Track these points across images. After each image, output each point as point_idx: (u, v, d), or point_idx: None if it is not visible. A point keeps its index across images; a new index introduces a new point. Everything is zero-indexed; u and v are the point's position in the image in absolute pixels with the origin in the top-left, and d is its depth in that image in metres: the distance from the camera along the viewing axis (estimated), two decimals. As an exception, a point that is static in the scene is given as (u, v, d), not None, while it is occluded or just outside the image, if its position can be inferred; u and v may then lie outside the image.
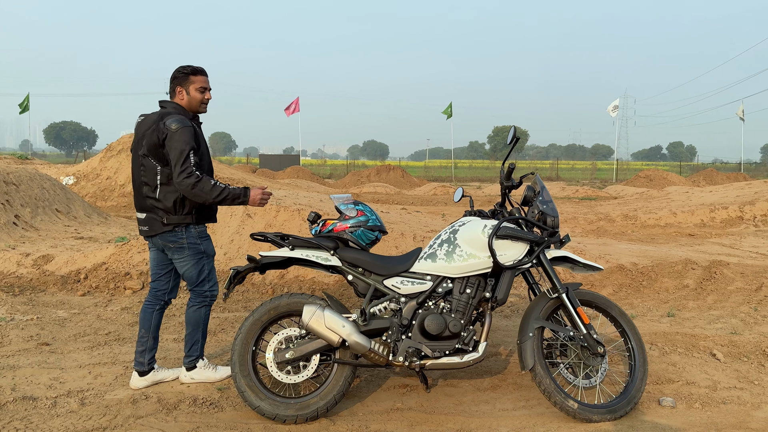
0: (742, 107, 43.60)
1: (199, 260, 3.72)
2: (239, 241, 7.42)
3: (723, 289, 6.69)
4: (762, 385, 3.82)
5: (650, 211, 16.01)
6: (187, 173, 3.41)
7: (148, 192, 3.60)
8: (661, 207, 16.93)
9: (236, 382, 3.34)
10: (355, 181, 32.56)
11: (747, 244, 11.44)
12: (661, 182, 31.43)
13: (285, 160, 46.52)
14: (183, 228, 3.63)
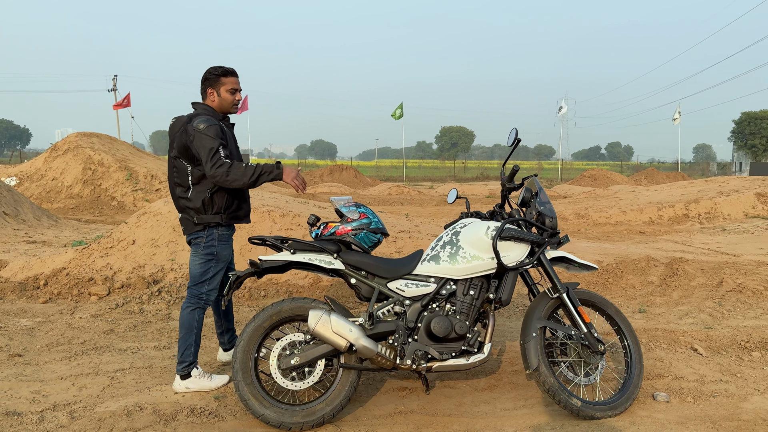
0: (678, 109, 45.48)
1: (207, 261, 3.68)
2: (207, 244, 7.23)
3: (686, 285, 6.95)
4: (744, 377, 3.98)
5: (601, 210, 16.50)
6: (219, 164, 3.43)
7: (181, 193, 3.68)
8: (611, 206, 17.47)
9: (239, 391, 3.25)
10: (308, 181, 32.30)
11: (697, 240, 11.93)
12: (605, 181, 32.49)
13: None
14: (209, 229, 3.67)
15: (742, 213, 15.51)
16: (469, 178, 42.30)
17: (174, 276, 6.75)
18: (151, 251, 7.20)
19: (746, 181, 18.35)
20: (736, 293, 6.47)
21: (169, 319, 5.42)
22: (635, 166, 57.68)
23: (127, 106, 39.79)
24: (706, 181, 20.44)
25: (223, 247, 3.72)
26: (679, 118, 44.13)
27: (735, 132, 63.16)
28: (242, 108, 41.30)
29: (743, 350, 4.46)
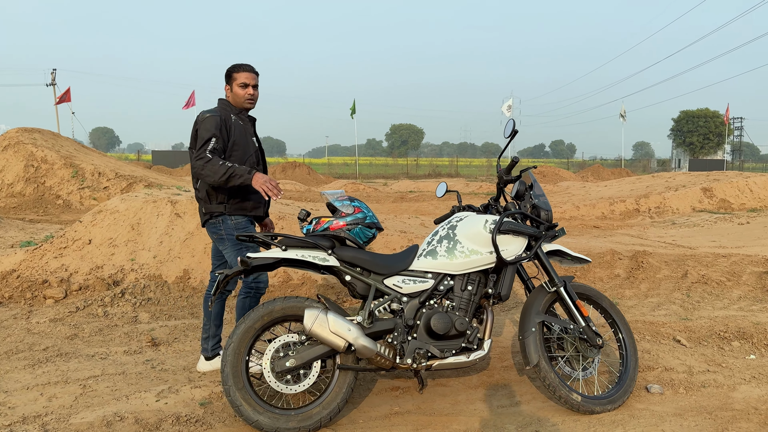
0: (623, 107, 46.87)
1: (238, 250, 3.63)
2: (169, 243, 6.94)
3: (653, 277, 7.07)
4: (729, 367, 4.04)
5: (555, 206, 16.75)
6: (199, 156, 3.48)
7: (194, 184, 3.81)
8: (564, 201, 17.80)
9: (230, 396, 3.05)
10: (259, 178, 31.79)
11: (652, 234, 12.24)
12: (554, 178, 33.18)
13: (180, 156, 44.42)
14: (220, 219, 3.69)
15: (689, 207, 16.05)
16: (422, 175, 42.47)
17: (135, 276, 6.44)
18: (109, 251, 6.85)
19: (692, 177, 19.02)
20: (701, 284, 6.61)
21: (136, 322, 5.13)
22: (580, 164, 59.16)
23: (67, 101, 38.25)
24: (653, 177, 21.10)
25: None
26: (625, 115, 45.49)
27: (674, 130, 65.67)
28: (189, 104, 40.29)
29: (723, 340, 4.53)
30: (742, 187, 16.73)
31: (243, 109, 3.80)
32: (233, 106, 3.78)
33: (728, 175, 18.66)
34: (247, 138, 3.78)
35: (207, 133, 3.52)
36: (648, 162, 63.35)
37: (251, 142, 3.81)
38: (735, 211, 15.44)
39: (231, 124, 3.67)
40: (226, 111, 3.72)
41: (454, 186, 27.57)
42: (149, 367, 4.06)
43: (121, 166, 18.63)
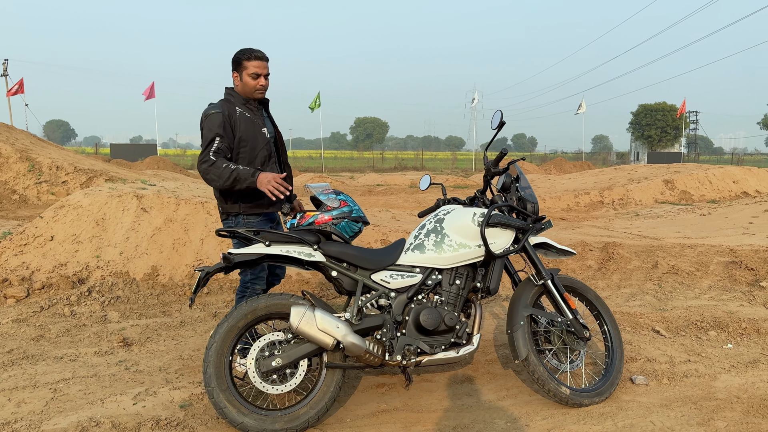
0: (582, 101, 47.61)
1: None
2: (135, 239, 6.72)
3: (624, 268, 7.17)
4: (708, 356, 4.09)
5: (522, 198, 16.91)
6: (203, 159, 3.35)
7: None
8: (531, 194, 17.99)
9: (213, 398, 2.94)
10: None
11: (618, 225, 12.44)
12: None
13: (140, 150, 43.40)
14: (233, 218, 3.57)
15: (652, 199, 16.38)
16: (388, 168, 42.42)
17: (101, 274, 6.22)
18: (73, 248, 6.60)
19: (653, 169, 19.43)
20: (672, 275, 6.72)
21: (105, 322, 4.94)
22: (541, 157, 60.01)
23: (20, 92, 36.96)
24: (616, 169, 21.48)
25: None
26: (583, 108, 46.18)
27: (633, 123, 67.11)
28: (149, 95, 39.39)
29: (700, 330, 4.59)
30: (702, 179, 17.16)
31: (252, 99, 3.60)
32: (239, 96, 3.58)
33: (688, 167, 19.12)
34: (256, 130, 3.56)
35: (210, 133, 3.38)
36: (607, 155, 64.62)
37: (261, 135, 3.58)
38: (696, 203, 15.82)
39: (236, 119, 3.47)
40: (230, 103, 3.52)
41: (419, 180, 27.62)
42: (123, 368, 3.90)
43: (79, 160, 18.06)
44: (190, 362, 4.02)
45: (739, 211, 12.87)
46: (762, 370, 3.86)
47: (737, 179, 17.62)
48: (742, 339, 4.44)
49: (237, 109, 3.51)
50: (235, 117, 3.48)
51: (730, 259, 7.16)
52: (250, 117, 3.55)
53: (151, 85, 39.60)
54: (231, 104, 3.52)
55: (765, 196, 13.89)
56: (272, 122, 3.77)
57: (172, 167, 31.07)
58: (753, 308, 5.50)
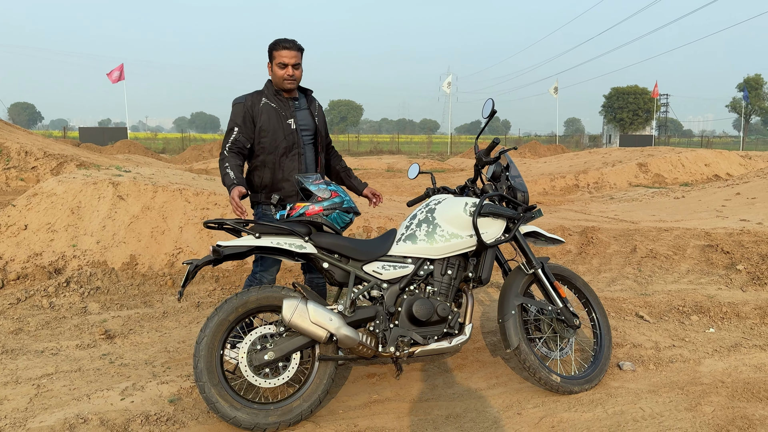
0: (556, 84, 47.92)
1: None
2: (113, 227, 6.58)
3: (603, 252, 7.25)
4: (692, 341, 4.16)
5: (499, 182, 16.98)
6: (221, 151, 3.56)
7: None
8: (507, 177, 18.07)
9: (205, 393, 2.89)
10: (196, 156, 30.86)
11: (593, 209, 12.58)
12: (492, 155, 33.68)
13: (110, 133, 42.52)
14: (256, 206, 3.73)
15: (626, 182, 16.61)
16: (364, 152, 42.23)
17: (78, 264, 6.08)
18: (48, 237, 6.43)
19: (627, 152, 19.68)
20: (650, 259, 6.82)
21: (86, 313, 4.83)
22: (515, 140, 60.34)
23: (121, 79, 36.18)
24: (590, 153, 21.72)
25: None
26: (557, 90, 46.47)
27: (605, 106, 67.81)
28: (118, 78, 38.53)
29: (682, 314, 4.67)
30: (675, 162, 17.43)
31: (282, 89, 3.62)
32: (272, 87, 3.63)
33: (661, 150, 19.41)
34: (279, 121, 3.58)
35: (230, 124, 3.56)
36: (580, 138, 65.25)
37: (284, 126, 3.59)
38: (669, 185, 16.09)
39: (259, 110, 3.54)
40: (259, 94, 3.60)
41: (397, 164, 27.52)
42: (107, 362, 3.82)
43: (48, 145, 17.61)
44: (176, 354, 3.95)
45: (711, 194, 13.12)
46: (744, 354, 3.94)
47: (709, 162, 17.94)
48: (723, 323, 4.53)
49: (262, 100, 3.57)
50: (258, 108, 3.55)
51: (706, 242, 7.29)
52: (275, 108, 3.59)
53: (120, 67, 38.71)
54: (258, 95, 3.60)
55: (736, 179, 14.16)
56: (313, 113, 3.76)
57: (144, 151, 30.58)
58: (731, 291, 5.61)
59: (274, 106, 3.57)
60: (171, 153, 39.76)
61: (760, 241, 7.10)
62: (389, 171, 23.11)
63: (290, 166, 3.61)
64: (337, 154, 4.09)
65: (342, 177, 4.02)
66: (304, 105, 3.74)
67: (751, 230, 8.10)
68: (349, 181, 4.01)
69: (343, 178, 4.02)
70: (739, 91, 61.47)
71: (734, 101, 68.28)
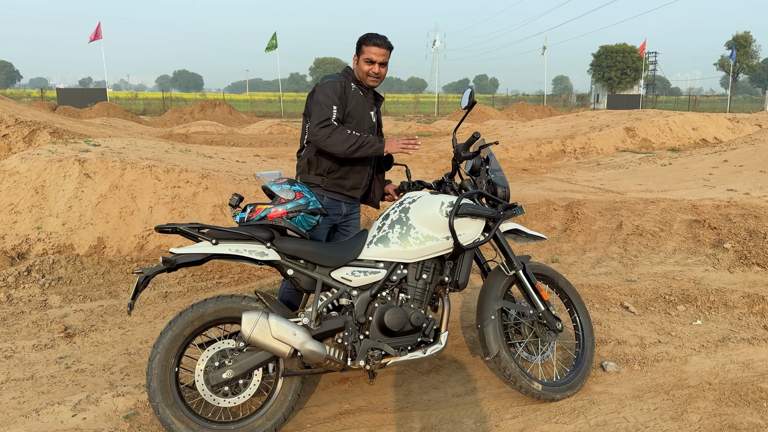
0: (544, 43, 47.20)
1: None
2: (79, 207, 6.28)
3: (588, 229, 7.07)
4: (678, 335, 4.00)
5: (485, 147, 16.69)
6: (323, 124, 3.21)
7: (298, 152, 3.57)
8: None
9: (159, 414, 2.69)
10: (177, 118, 30.17)
11: (579, 177, 12.39)
12: (481, 116, 33.26)
13: (89, 94, 41.43)
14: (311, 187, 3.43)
15: (613, 147, 16.40)
16: (348, 112, 41.56)
17: (43, 247, 5.80)
18: (11, 218, 6.13)
19: (614, 116, 19.41)
20: (636, 236, 6.65)
21: (46, 307, 4.58)
22: (503, 99, 59.72)
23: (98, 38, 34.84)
24: (578, 116, 21.41)
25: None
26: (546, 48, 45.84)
27: (593, 65, 67.10)
28: (95, 37, 37.35)
29: (669, 304, 4.51)
30: (662, 127, 17.21)
31: (363, 84, 3.45)
32: (355, 78, 3.46)
33: (649, 113, 19.16)
34: (365, 110, 3.45)
35: (328, 100, 3.27)
36: (568, 97, 64.77)
37: (368, 116, 3.47)
38: (656, 151, 15.90)
39: (350, 93, 3.38)
40: (347, 79, 3.43)
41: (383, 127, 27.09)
42: (63, 367, 3.60)
43: (21, 111, 17.01)
44: (137, 358, 3.74)
45: (699, 161, 12.96)
46: (731, 350, 3.80)
47: (696, 126, 17.74)
48: (710, 313, 4.38)
49: (352, 85, 3.43)
50: (350, 91, 3.39)
51: (693, 216, 7.13)
52: (362, 96, 3.45)
53: (98, 26, 37.48)
54: (346, 80, 3.44)
55: (724, 146, 13.99)
56: (379, 116, 3.66)
57: (123, 114, 29.89)
58: (718, 273, 5.47)
59: (361, 94, 3.45)
60: (152, 115, 38.97)
61: (747, 215, 6.95)
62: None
63: (363, 158, 3.44)
64: None
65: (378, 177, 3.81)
66: (375, 107, 3.63)
67: (738, 202, 7.96)
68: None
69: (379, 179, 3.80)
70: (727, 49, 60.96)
71: (722, 59, 67.81)
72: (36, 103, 32.46)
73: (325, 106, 3.26)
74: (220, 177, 7.27)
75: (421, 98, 57.28)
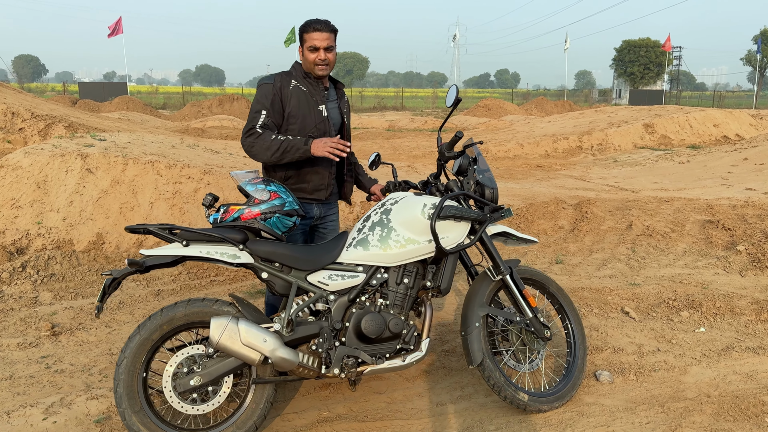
0: (567, 36, 46.54)
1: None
2: (80, 203, 6.26)
3: (597, 229, 6.88)
4: (679, 343, 3.83)
5: (499, 144, 16.51)
6: (247, 134, 3.08)
7: None
8: (509, 139, 17.55)
9: (126, 421, 2.61)
10: (195, 113, 30.31)
11: (594, 175, 12.14)
12: (499, 111, 32.92)
13: (110, 88, 41.80)
14: None
15: (631, 144, 16.07)
16: (367, 108, 41.44)
17: (42, 242, 5.79)
18: (12, 213, 6.13)
19: (634, 112, 19.03)
20: (646, 237, 6.45)
21: (36, 304, 4.55)
22: (524, 94, 59.07)
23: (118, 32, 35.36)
24: (596, 112, 21.05)
25: None
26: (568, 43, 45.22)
27: (616, 60, 66.04)
28: (116, 31, 37.64)
29: (672, 310, 4.33)
30: (682, 123, 16.83)
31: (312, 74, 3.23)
32: (302, 70, 3.26)
33: (669, 110, 18.75)
34: (310, 106, 3.22)
35: (257, 105, 3.15)
36: (590, 92, 63.88)
37: (315, 112, 3.23)
38: (675, 147, 15.55)
39: (288, 93, 3.18)
40: (288, 76, 3.23)
41: (398, 122, 26.92)
42: (43, 367, 3.54)
43: (38, 105, 17.17)
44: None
45: (718, 159, 12.63)
46: (735, 359, 3.62)
47: (718, 123, 17.33)
48: (715, 320, 4.19)
49: (292, 83, 3.22)
50: (287, 91, 3.19)
51: (707, 217, 6.90)
52: (305, 91, 3.22)
53: (118, 21, 37.76)
54: (288, 77, 3.24)
55: (745, 143, 13.62)
56: (342, 110, 3.42)
57: (142, 108, 30.04)
58: (728, 277, 5.27)
59: (304, 90, 3.22)
60: (171, 109, 39.21)
61: (765, 216, 6.71)
62: (389, 131, 22.59)
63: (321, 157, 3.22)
64: None
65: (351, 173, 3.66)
66: (333, 97, 3.40)
67: (756, 202, 7.71)
68: (356, 177, 3.65)
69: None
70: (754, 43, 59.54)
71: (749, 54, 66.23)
72: (57, 97, 32.83)
73: (253, 112, 3.13)
74: (223, 173, 7.20)
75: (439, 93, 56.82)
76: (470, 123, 25.78)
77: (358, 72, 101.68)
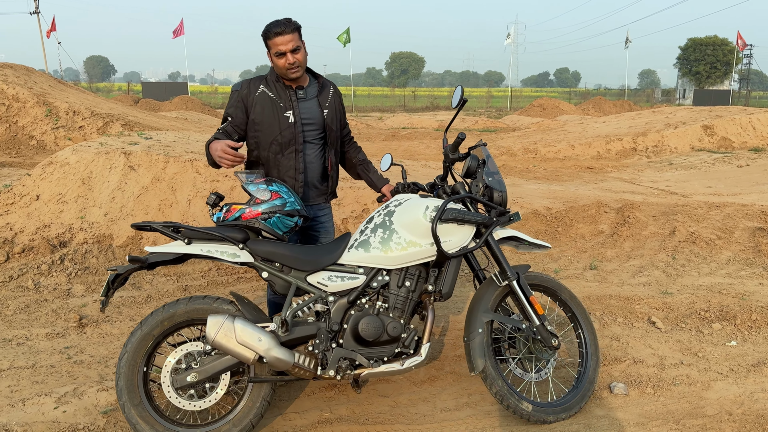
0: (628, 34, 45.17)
1: None
2: (122, 199, 6.47)
3: (638, 234, 6.64)
4: (706, 357, 3.64)
5: (549, 144, 16.15)
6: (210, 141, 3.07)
7: None
8: (560, 139, 17.14)
9: (126, 413, 2.67)
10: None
11: (645, 178, 11.72)
12: (554, 111, 32.21)
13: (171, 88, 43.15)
14: None
15: (689, 146, 15.43)
16: (419, 108, 41.33)
17: (84, 237, 6.01)
18: (58, 208, 6.40)
19: (693, 113, 18.27)
20: (689, 244, 6.18)
21: (68, 296, 4.73)
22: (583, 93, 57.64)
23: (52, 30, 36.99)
24: (654, 112, 20.32)
25: None
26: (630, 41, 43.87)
27: (680, 58, 63.58)
28: (178, 33, 38.85)
29: (703, 321, 4.12)
30: (744, 125, 16.04)
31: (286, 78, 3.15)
32: (275, 74, 3.18)
33: (731, 111, 17.90)
34: (275, 113, 3.14)
35: (225, 112, 3.19)
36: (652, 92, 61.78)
37: (280, 119, 3.14)
38: (736, 150, 14.83)
39: (253, 99, 3.13)
40: (255, 83, 3.17)
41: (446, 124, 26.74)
42: (65, 357, 3.68)
43: (98, 104, 17.90)
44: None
45: (780, 162, 11.98)
46: (766, 376, 3.42)
47: (785, 125, 16.42)
48: (750, 334, 3.97)
49: (260, 88, 3.15)
50: (253, 97, 3.14)
51: (759, 224, 6.56)
52: (271, 98, 3.14)
53: (180, 22, 38.97)
54: (257, 82, 3.19)
55: (811, 146, 12.86)
56: (322, 105, 3.27)
57: (201, 107, 30.83)
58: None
59: (271, 96, 3.14)
60: (229, 108, 40.12)
61: (823, 225, 6.32)
62: (438, 131, 22.44)
63: (287, 164, 3.20)
64: (355, 146, 3.61)
65: (359, 171, 3.58)
66: (312, 94, 3.26)
67: (816, 209, 7.26)
68: (366, 176, 3.56)
69: (360, 172, 3.58)
70: (833, 40, 56.05)
71: (827, 52, 62.52)
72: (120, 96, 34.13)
73: (222, 119, 3.16)
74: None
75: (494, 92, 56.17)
76: (522, 123, 25.36)
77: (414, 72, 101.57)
